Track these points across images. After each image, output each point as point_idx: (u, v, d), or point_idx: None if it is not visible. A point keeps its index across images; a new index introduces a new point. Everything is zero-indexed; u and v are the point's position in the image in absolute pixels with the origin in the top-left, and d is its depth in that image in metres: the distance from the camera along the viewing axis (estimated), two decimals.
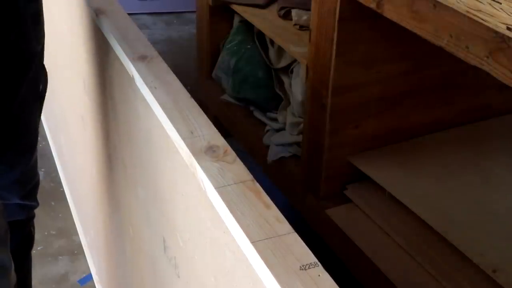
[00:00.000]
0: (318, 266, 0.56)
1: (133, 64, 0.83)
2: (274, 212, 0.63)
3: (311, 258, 0.57)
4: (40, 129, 1.09)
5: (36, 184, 1.26)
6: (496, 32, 0.78)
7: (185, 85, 0.82)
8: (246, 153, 1.63)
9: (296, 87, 1.46)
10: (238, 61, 1.63)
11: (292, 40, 1.43)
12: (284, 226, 0.62)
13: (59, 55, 1.39)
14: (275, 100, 1.58)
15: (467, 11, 0.80)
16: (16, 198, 1.19)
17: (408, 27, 0.95)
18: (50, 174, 2.00)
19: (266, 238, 0.60)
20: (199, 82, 1.88)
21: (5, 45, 0.94)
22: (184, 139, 0.71)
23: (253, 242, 0.59)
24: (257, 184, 0.67)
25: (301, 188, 1.38)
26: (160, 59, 0.85)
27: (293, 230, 0.61)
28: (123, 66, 0.88)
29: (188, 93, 0.78)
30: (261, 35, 1.59)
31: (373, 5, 1.01)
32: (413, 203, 1.19)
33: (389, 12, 0.98)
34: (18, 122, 0.98)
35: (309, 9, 1.25)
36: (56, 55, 1.36)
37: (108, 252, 1.34)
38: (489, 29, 0.78)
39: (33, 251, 1.25)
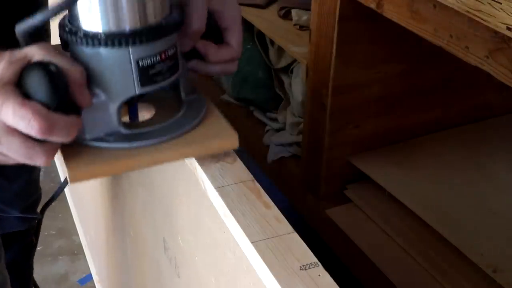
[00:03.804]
0: (318, 266, 0.56)
1: None
2: (274, 212, 0.63)
3: (312, 258, 0.57)
4: None
5: (38, 199, 1.26)
6: (496, 32, 0.78)
7: None
8: (246, 153, 1.63)
9: (296, 87, 1.46)
10: (238, 61, 1.63)
11: (292, 40, 1.43)
12: (284, 226, 0.62)
13: None
14: (275, 100, 1.58)
15: (467, 11, 0.80)
16: (16, 211, 1.18)
17: (408, 27, 0.95)
18: (50, 174, 2.00)
19: (266, 238, 0.60)
20: (199, 82, 1.88)
21: None
22: None
23: (253, 242, 0.59)
24: (257, 184, 0.67)
25: (301, 188, 1.38)
26: None
27: (293, 230, 0.61)
28: None
29: None
30: (261, 35, 1.59)
31: (373, 5, 1.01)
32: (413, 203, 1.19)
33: (389, 12, 0.98)
34: None
35: (309, 9, 1.25)
36: None
37: (108, 252, 1.34)
38: (489, 29, 0.78)
39: None
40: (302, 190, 1.38)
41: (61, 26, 0.68)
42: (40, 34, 1.03)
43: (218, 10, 0.74)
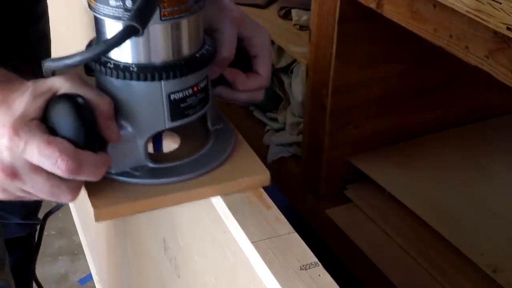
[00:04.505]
0: (318, 266, 0.56)
1: None
2: (275, 212, 0.63)
3: (312, 258, 0.57)
4: None
5: (38, 206, 1.25)
6: (496, 32, 0.78)
7: None
8: None
9: (296, 87, 1.46)
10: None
11: (292, 40, 1.43)
12: (285, 226, 0.62)
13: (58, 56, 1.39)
14: (275, 100, 1.58)
15: (467, 11, 0.80)
16: (17, 218, 1.18)
17: (408, 27, 0.95)
18: None
19: (267, 238, 0.60)
20: None
21: (6, 67, 0.93)
22: None
23: (253, 242, 0.59)
24: None
25: (301, 188, 1.38)
26: None
27: (293, 230, 0.61)
28: None
29: None
30: None
31: (373, 5, 1.01)
32: (413, 203, 1.19)
33: (389, 12, 0.98)
34: None
35: (309, 9, 1.25)
36: (55, 56, 1.36)
37: (108, 252, 1.34)
38: (489, 29, 0.78)
39: None
40: (302, 190, 1.38)
41: None
42: (40, 39, 1.03)
43: (248, 36, 0.71)
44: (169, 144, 0.69)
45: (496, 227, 1.14)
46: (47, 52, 1.06)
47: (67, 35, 1.36)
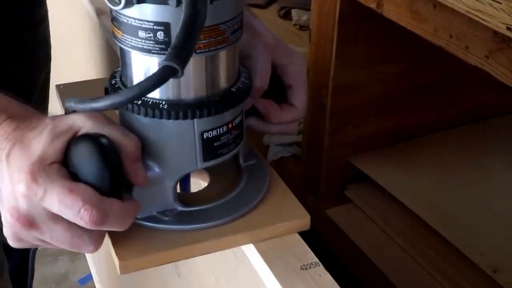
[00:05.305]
0: (319, 266, 0.57)
1: None
2: None
3: (312, 258, 0.57)
4: None
5: None
6: (496, 32, 0.78)
7: None
8: None
9: None
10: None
11: (292, 40, 1.43)
12: None
13: (58, 57, 1.39)
14: None
15: (467, 11, 0.80)
16: None
17: (408, 27, 0.95)
18: None
19: (267, 238, 0.60)
20: None
21: (3, 76, 0.91)
22: None
23: (254, 242, 0.59)
24: None
25: (301, 188, 1.38)
26: None
27: None
28: None
29: None
30: None
31: (373, 5, 1.01)
32: (413, 203, 1.19)
33: (389, 12, 0.98)
34: None
35: (309, 9, 1.25)
36: (55, 57, 1.36)
37: (109, 252, 1.34)
38: (489, 29, 0.78)
39: None
40: (302, 190, 1.38)
41: (113, 86, 0.58)
42: (39, 44, 1.02)
43: (283, 64, 0.67)
44: (198, 182, 0.64)
45: (496, 227, 1.14)
46: (47, 57, 1.06)
47: (68, 35, 1.36)
